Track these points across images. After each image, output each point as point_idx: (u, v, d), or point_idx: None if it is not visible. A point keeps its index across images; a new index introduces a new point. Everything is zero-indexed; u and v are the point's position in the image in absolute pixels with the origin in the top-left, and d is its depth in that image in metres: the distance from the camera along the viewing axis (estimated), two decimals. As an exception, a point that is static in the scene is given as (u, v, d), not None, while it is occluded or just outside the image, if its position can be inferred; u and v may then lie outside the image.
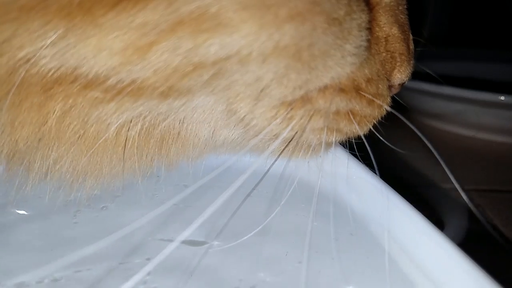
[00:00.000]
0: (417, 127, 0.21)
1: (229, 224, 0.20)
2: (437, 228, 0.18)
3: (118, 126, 0.19)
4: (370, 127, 0.23)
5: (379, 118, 0.23)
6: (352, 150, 0.25)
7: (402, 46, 0.23)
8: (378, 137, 0.23)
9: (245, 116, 0.20)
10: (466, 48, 0.77)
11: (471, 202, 0.32)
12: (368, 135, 0.23)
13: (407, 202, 0.21)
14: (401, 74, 0.24)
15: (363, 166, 0.24)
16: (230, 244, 0.19)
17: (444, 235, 0.18)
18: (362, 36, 0.19)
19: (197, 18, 0.15)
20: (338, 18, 0.17)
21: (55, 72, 0.16)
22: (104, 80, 0.16)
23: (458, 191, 0.28)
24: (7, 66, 0.16)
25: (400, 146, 0.24)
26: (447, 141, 0.53)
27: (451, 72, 0.54)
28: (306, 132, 0.21)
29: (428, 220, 0.19)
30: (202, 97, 0.19)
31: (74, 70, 0.16)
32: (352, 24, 0.18)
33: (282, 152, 0.23)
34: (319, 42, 0.17)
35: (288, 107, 0.20)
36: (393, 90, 0.25)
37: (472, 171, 0.43)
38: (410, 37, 0.25)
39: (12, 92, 0.17)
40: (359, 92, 0.21)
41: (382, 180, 0.22)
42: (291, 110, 0.20)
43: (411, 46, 0.25)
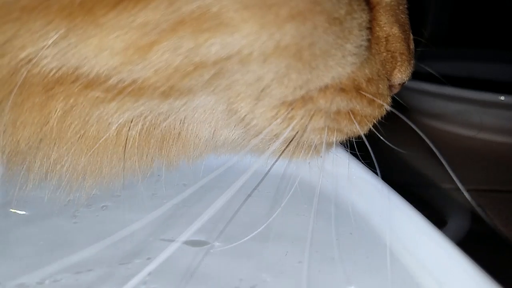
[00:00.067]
0: (417, 127, 0.21)
1: (230, 224, 0.20)
2: (437, 228, 0.18)
3: (119, 126, 0.19)
4: (371, 127, 0.23)
5: (380, 118, 0.23)
6: (352, 149, 0.25)
7: (403, 45, 0.23)
8: (379, 136, 0.23)
9: (245, 116, 0.20)
10: (466, 48, 0.77)
11: (472, 202, 0.32)
12: (368, 135, 0.23)
13: (407, 202, 0.21)
14: (401, 74, 0.24)
15: (364, 166, 0.24)
16: (231, 244, 0.19)
17: (444, 235, 0.18)
18: (362, 35, 0.19)
19: (198, 18, 0.15)
20: (339, 17, 0.17)
21: (57, 72, 0.16)
22: (105, 80, 0.16)
23: (458, 191, 0.28)
24: (9, 66, 0.16)
25: (400, 146, 0.24)
26: (447, 141, 0.53)
27: (451, 72, 0.54)
28: (307, 132, 0.21)
29: (428, 220, 0.19)
30: (203, 97, 0.19)
31: (75, 70, 0.16)
32: (353, 23, 0.18)
33: (283, 152, 0.23)
34: (320, 42, 0.17)
35: (288, 107, 0.20)
36: (393, 90, 0.25)
37: (472, 171, 0.43)
38: (411, 36, 0.25)
39: (14, 92, 0.17)
40: (360, 91, 0.21)
41: (383, 180, 0.22)
42: (292, 110, 0.20)
43: (412, 45, 0.25)
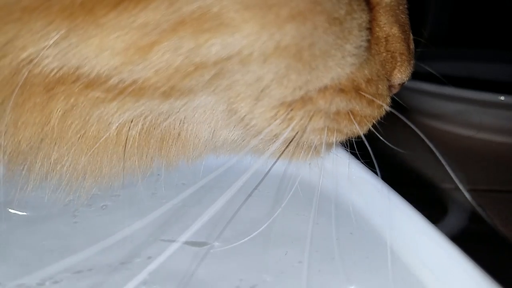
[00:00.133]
0: (417, 127, 0.21)
1: (230, 224, 0.20)
2: (437, 228, 0.18)
3: (119, 126, 0.19)
4: (370, 127, 0.23)
5: (379, 118, 0.23)
6: (352, 149, 0.25)
7: (403, 46, 0.23)
8: (378, 137, 0.23)
9: (245, 116, 0.20)
10: (466, 48, 0.77)
11: (472, 201, 0.32)
12: (368, 135, 0.23)
13: (407, 202, 0.21)
14: (401, 74, 0.24)
15: (364, 166, 0.24)
16: (232, 245, 0.19)
17: (444, 235, 0.18)
18: (362, 36, 0.19)
19: (198, 18, 0.15)
20: (339, 17, 0.17)
21: (57, 72, 0.16)
22: (105, 80, 0.16)
23: (458, 191, 0.28)
24: (11, 67, 0.16)
25: (400, 146, 0.24)
26: (447, 141, 0.53)
27: (451, 72, 0.54)
28: (307, 132, 0.21)
29: (428, 220, 0.19)
30: (203, 97, 0.19)
31: (76, 70, 0.16)
32: (352, 24, 0.18)
33: (283, 153, 0.23)
34: (320, 42, 0.17)
35: (288, 108, 0.20)
36: (393, 90, 0.25)
37: (472, 171, 0.43)
38: (411, 37, 0.25)
39: (15, 92, 0.17)
40: (359, 92, 0.21)
41: (383, 180, 0.23)
42: (291, 111, 0.20)
43: (412, 46, 0.25)
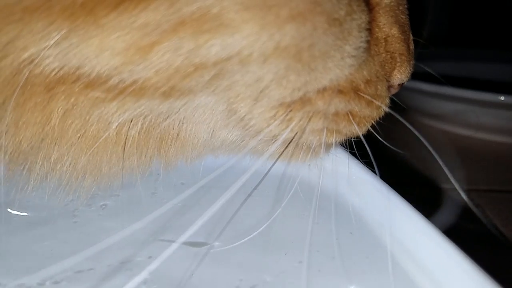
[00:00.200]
0: (416, 127, 0.21)
1: (230, 224, 0.20)
2: (437, 228, 0.18)
3: (118, 125, 0.19)
4: (369, 128, 0.23)
5: (378, 119, 0.23)
6: (351, 148, 0.25)
7: (402, 46, 0.23)
8: (378, 137, 0.23)
9: (244, 116, 0.20)
10: (466, 48, 0.77)
11: (471, 202, 0.32)
12: (367, 135, 0.23)
13: (407, 202, 0.21)
14: (401, 75, 0.24)
15: (364, 166, 0.24)
16: (231, 245, 0.19)
17: (443, 235, 0.18)
18: (361, 37, 0.19)
19: (198, 19, 0.15)
20: (339, 18, 0.17)
21: (58, 72, 0.16)
22: (106, 79, 0.16)
23: (458, 191, 0.28)
24: (12, 67, 0.16)
25: (400, 146, 0.24)
26: (447, 141, 0.53)
27: (451, 72, 0.54)
28: (306, 133, 0.21)
29: (428, 220, 0.19)
30: (203, 97, 0.19)
31: (77, 70, 0.16)
32: (352, 24, 0.18)
33: (282, 154, 0.23)
34: (320, 43, 0.17)
35: (287, 109, 0.20)
36: (392, 90, 0.25)
37: (471, 171, 0.43)
38: (411, 37, 0.25)
39: (16, 92, 0.17)
40: (358, 93, 0.21)
41: (382, 180, 0.23)
42: (290, 111, 0.20)
43: (411, 46, 0.25)
